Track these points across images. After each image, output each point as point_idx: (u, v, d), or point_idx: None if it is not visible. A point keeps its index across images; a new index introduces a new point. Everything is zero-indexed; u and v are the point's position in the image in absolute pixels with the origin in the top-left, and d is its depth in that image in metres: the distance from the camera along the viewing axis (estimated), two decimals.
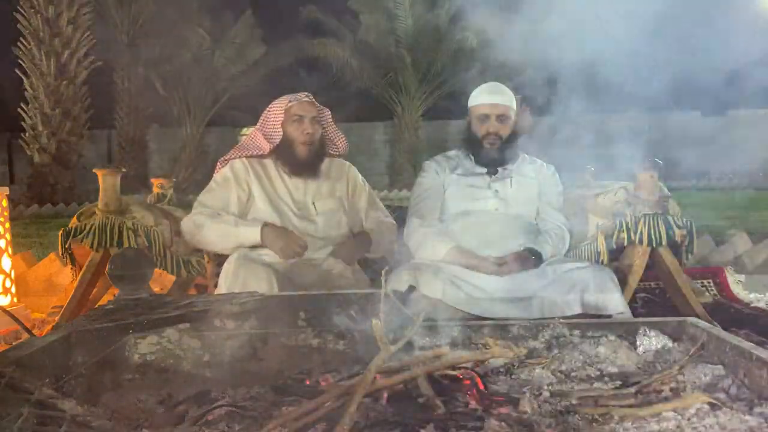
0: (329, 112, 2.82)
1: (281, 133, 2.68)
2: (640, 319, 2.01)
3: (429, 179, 2.83)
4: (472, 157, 2.82)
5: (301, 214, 2.65)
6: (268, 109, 2.74)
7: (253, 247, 2.58)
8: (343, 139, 2.88)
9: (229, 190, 2.66)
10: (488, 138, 2.74)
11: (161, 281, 3.75)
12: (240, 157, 2.74)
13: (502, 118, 2.74)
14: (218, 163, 2.80)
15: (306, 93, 2.72)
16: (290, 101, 2.68)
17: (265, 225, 2.53)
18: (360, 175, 2.90)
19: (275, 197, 2.67)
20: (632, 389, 1.46)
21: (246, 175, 2.68)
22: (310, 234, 2.62)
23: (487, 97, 2.76)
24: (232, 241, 2.55)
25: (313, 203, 2.69)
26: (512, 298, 2.43)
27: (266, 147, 2.70)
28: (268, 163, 2.74)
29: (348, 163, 2.90)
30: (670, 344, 1.76)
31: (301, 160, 2.67)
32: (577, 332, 1.86)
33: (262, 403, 1.43)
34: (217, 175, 2.73)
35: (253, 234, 2.52)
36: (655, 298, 3.22)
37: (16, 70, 11.55)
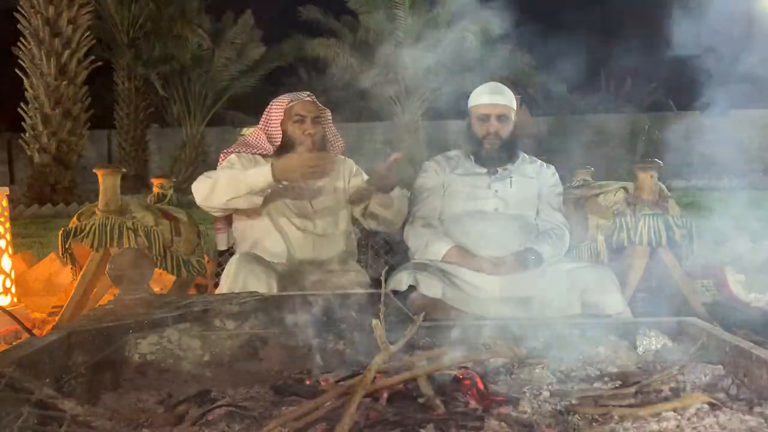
0: (329, 113, 2.79)
1: (280, 134, 2.64)
2: (640, 319, 2.01)
3: (429, 179, 2.84)
4: (472, 157, 2.82)
5: (299, 212, 2.64)
6: (269, 108, 2.70)
7: (253, 250, 2.58)
8: (341, 141, 2.84)
9: (240, 168, 2.63)
10: (488, 138, 2.74)
11: (161, 281, 3.76)
12: (244, 152, 2.71)
13: (502, 118, 2.74)
14: (222, 155, 2.77)
15: (308, 93, 2.70)
16: (291, 100, 2.65)
17: (275, 161, 2.44)
18: (356, 165, 2.87)
19: (274, 194, 2.66)
20: (632, 389, 1.46)
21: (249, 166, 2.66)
22: (309, 232, 2.62)
23: (487, 97, 2.76)
24: (243, 186, 2.41)
25: (311, 201, 2.68)
26: (512, 298, 2.44)
27: (269, 149, 2.66)
28: (270, 161, 2.71)
29: (343, 156, 2.85)
30: (670, 344, 1.76)
31: None
32: (577, 332, 1.86)
33: (262, 403, 1.43)
34: (224, 162, 2.68)
35: (263, 172, 2.40)
36: (655, 298, 3.22)
37: (16, 70, 11.56)
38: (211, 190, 2.45)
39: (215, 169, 2.75)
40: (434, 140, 16.68)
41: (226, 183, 2.43)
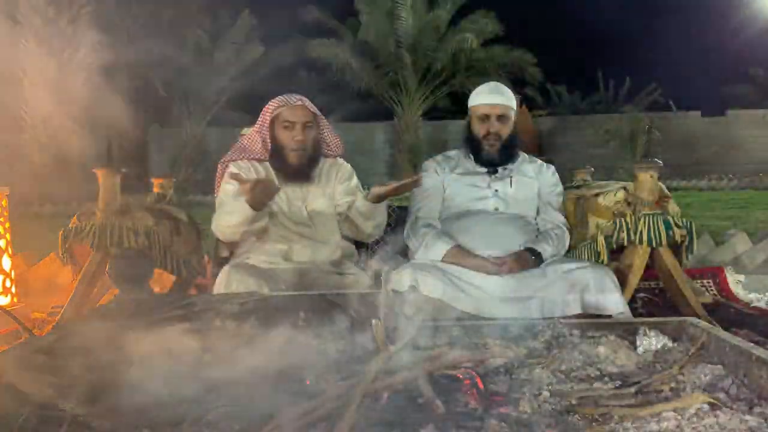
0: (322, 118, 2.74)
1: (268, 139, 2.63)
2: (640, 319, 2.01)
3: (429, 179, 2.83)
4: (472, 157, 2.82)
5: (295, 218, 2.64)
6: (263, 110, 2.68)
7: (251, 252, 2.58)
8: (339, 142, 2.81)
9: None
10: (488, 138, 2.74)
11: (161, 281, 3.75)
12: (241, 159, 2.71)
13: (502, 118, 2.74)
14: (219, 165, 2.77)
15: (299, 97, 2.63)
16: (279, 106, 2.61)
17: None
18: (351, 168, 2.84)
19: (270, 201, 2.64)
20: (632, 389, 1.46)
21: (249, 175, 2.66)
22: (306, 237, 2.62)
23: (487, 97, 2.77)
24: (236, 216, 2.45)
25: (305, 207, 2.66)
26: (512, 298, 2.44)
27: (265, 153, 2.66)
28: (267, 165, 2.71)
29: (341, 160, 2.84)
30: (670, 344, 1.76)
31: (293, 167, 2.62)
32: (577, 332, 1.86)
33: (262, 403, 1.42)
34: (226, 176, 2.66)
35: (243, 207, 2.41)
36: (655, 298, 3.22)
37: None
38: (223, 235, 2.59)
39: (215, 170, 2.76)
40: (434, 140, 16.69)
41: (227, 229, 2.53)
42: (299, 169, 2.63)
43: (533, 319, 2.09)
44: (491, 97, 2.76)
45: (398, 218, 3.05)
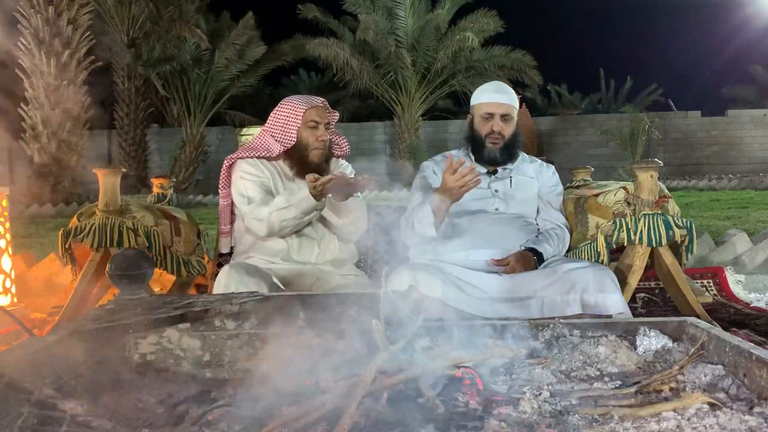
0: (337, 116, 2.78)
1: (295, 138, 2.64)
2: (640, 319, 2.00)
3: (427, 180, 2.83)
4: (473, 156, 2.82)
5: None
6: (277, 110, 2.68)
7: (252, 249, 2.58)
8: (346, 141, 2.85)
9: (260, 175, 2.64)
10: (491, 136, 2.74)
11: (161, 281, 3.75)
12: (249, 157, 2.72)
13: (505, 117, 2.74)
14: (225, 161, 2.77)
15: (322, 99, 2.70)
16: (308, 106, 2.63)
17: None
18: (351, 169, 2.86)
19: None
20: (632, 389, 1.46)
21: (261, 173, 2.66)
22: (307, 236, 2.62)
23: (492, 96, 2.76)
24: (296, 219, 2.46)
25: None
26: (512, 298, 2.43)
27: (276, 150, 2.66)
28: (274, 163, 2.71)
29: (342, 160, 2.86)
30: (670, 344, 1.76)
31: (313, 165, 2.62)
32: (577, 332, 1.86)
33: (262, 403, 1.43)
34: (239, 171, 2.66)
35: (303, 194, 2.42)
36: (655, 298, 3.22)
37: (16, 70, 11.56)
38: (271, 230, 2.50)
39: (216, 170, 2.75)
40: (434, 140, 16.70)
41: (282, 223, 2.47)
42: (317, 168, 2.63)
43: (533, 319, 2.09)
44: (496, 96, 2.75)
45: (398, 218, 3.04)
